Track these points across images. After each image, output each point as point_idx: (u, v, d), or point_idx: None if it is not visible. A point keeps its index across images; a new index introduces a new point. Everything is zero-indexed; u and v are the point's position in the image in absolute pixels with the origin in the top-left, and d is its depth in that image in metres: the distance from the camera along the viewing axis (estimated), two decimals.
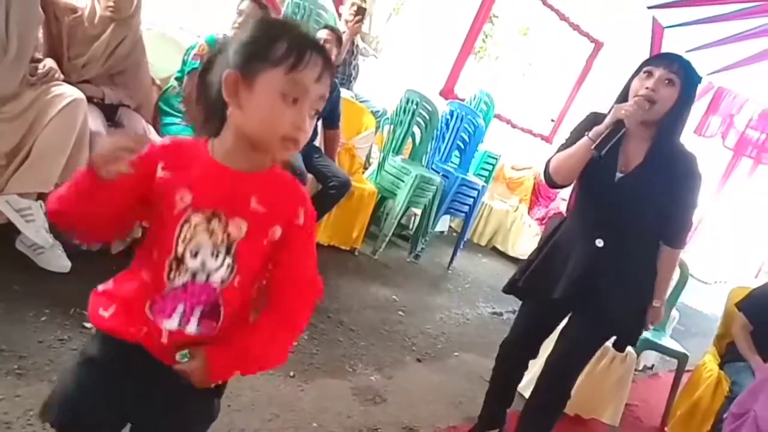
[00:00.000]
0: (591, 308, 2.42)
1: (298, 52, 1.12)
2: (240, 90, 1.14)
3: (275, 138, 1.14)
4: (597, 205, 2.43)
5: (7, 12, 2.57)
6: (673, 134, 2.32)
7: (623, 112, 2.24)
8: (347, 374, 3.02)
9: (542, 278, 2.51)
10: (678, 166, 2.31)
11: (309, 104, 1.15)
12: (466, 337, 4.16)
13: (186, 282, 1.19)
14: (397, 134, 5.06)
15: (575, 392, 3.40)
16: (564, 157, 2.40)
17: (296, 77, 1.13)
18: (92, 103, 2.89)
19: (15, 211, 2.61)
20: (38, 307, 2.44)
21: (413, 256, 5.27)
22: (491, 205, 6.91)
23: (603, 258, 2.38)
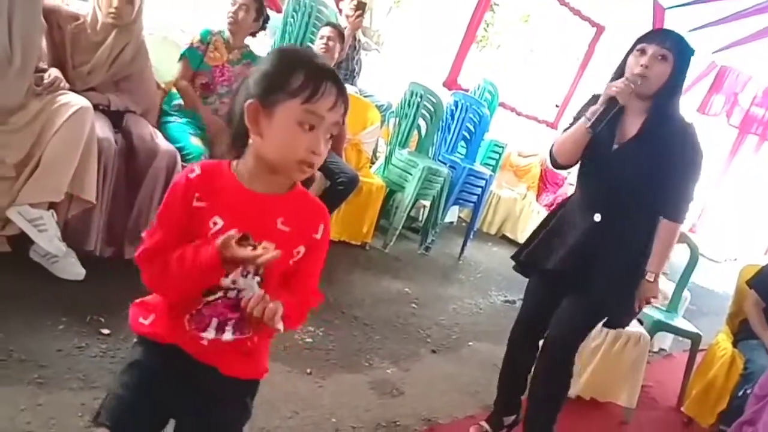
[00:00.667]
0: (582, 287, 2.46)
1: (314, 84, 1.21)
2: (260, 119, 1.24)
3: (292, 162, 1.23)
4: (595, 179, 2.49)
5: (10, 23, 2.60)
6: (669, 106, 2.37)
7: (614, 89, 2.30)
8: (364, 369, 3.05)
9: (542, 250, 2.56)
10: (675, 137, 2.34)
11: (324, 130, 1.24)
12: (480, 326, 4.19)
13: (219, 298, 1.30)
14: (402, 127, 5.08)
15: (592, 378, 3.43)
16: (564, 138, 2.48)
17: (312, 108, 1.22)
18: (98, 111, 2.92)
19: (27, 221, 2.63)
20: (55, 315, 2.47)
21: (424, 248, 5.30)
22: (499, 193, 6.92)
23: (600, 233, 2.42)
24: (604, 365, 3.50)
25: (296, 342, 3.02)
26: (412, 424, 2.74)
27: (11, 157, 2.63)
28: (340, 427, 2.52)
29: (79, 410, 2.03)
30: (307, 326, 3.19)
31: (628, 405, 3.57)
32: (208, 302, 1.30)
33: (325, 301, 3.49)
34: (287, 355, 2.88)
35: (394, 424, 2.69)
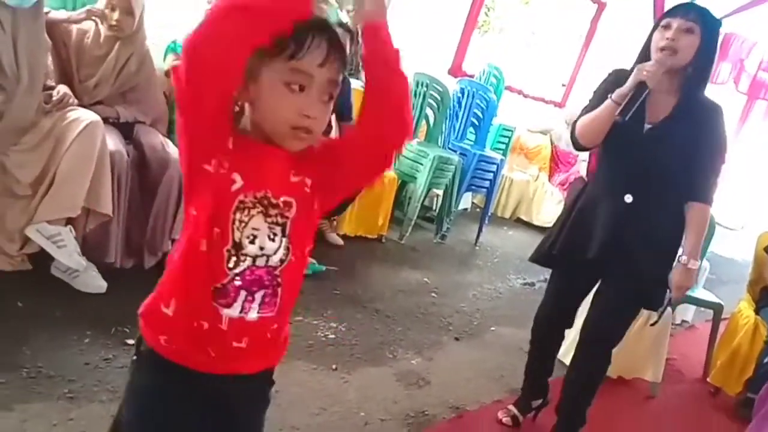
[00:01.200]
0: (620, 274, 2.44)
1: (297, 39, 1.07)
2: (247, 84, 1.10)
3: (285, 129, 1.11)
4: (625, 160, 2.42)
5: (15, 43, 2.63)
6: (700, 85, 2.34)
7: (645, 74, 2.25)
8: (388, 361, 3.07)
9: (573, 242, 2.51)
10: (705, 120, 2.32)
11: (317, 90, 1.11)
12: (501, 310, 4.20)
13: (246, 268, 1.14)
14: None
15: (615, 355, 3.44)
16: (589, 120, 2.41)
17: (298, 65, 1.08)
18: (108, 123, 2.94)
19: (46, 238, 2.67)
20: (80, 329, 2.50)
21: (440, 237, 5.31)
22: (511, 177, 6.90)
23: (632, 214, 2.38)
24: (627, 342, 3.42)
25: (319, 339, 3.04)
26: (441, 413, 2.76)
27: (26, 176, 2.68)
28: (369, 421, 2.54)
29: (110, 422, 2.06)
30: (329, 322, 3.22)
31: (654, 380, 3.58)
32: (235, 276, 1.14)
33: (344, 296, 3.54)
34: (311, 352, 2.90)
35: (422, 414, 2.71)
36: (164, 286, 1.19)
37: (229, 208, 1.11)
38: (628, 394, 3.56)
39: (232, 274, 1.13)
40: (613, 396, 3.39)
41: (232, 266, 1.13)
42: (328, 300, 3.47)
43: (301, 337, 2.99)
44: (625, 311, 2.52)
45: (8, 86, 2.65)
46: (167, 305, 1.17)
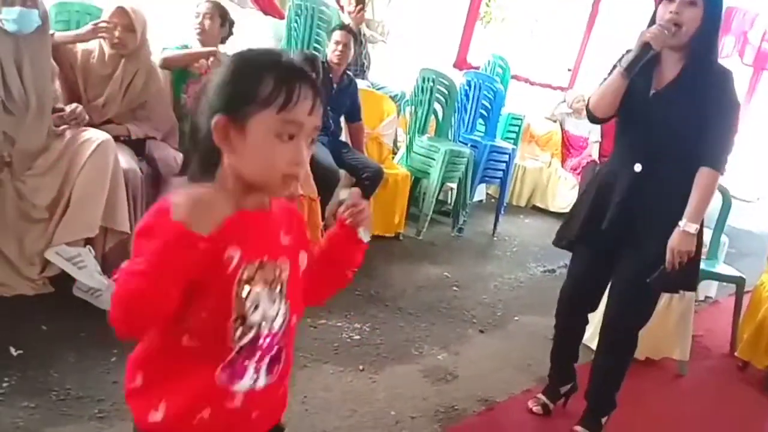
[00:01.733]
0: (635, 252, 2.42)
1: (287, 89, 1.06)
2: (231, 134, 1.07)
3: (276, 179, 1.08)
4: (633, 127, 2.44)
5: (20, 71, 2.66)
6: (707, 54, 2.33)
7: (648, 35, 2.28)
8: (415, 358, 3.07)
9: (593, 220, 2.51)
10: (712, 86, 2.30)
11: (305, 137, 1.10)
12: (523, 299, 4.19)
13: (252, 338, 1.12)
14: (419, 114, 5.08)
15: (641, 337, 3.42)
16: (601, 90, 2.46)
17: (289, 116, 1.06)
18: (119, 142, 2.96)
19: (66, 260, 2.68)
20: (106, 348, 2.49)
21: (457, 230, 5.30)
22: (524, 165, 6.89)
23: (642, 184, 2.39)
24: (653, 323, 3.41)
25: (344, 341, 3.04)
26: (470, 407, 2.75)
27: (42, 199, 2.69)
28: (400, 419, 2.54)
29: None
30: (353, 323, 3.22)
31: (681, 358, 3.57)
32: (242, 348, 1.11)
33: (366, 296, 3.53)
34: (337, 355, 2.91)
35: (452, 409, 2.70)
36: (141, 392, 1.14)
37: (232, 284, 1.09)
38: (656, 374, 3.54)
39: (238, 347, 1.11)
40: (642, 377, 3.36)
41: (238, 338, 1.11)
42: (350, 301, 3.46)
43: (326, 340, 3.00)
44: (641, 292, 2.47)
45: (17, 112, 2.68)
46: (156, 409, 1.11)
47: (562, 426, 2.70)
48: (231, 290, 1.08)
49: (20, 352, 2.38)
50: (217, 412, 1.11)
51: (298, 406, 2.41)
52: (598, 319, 2.78)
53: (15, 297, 2.68)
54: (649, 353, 3.55)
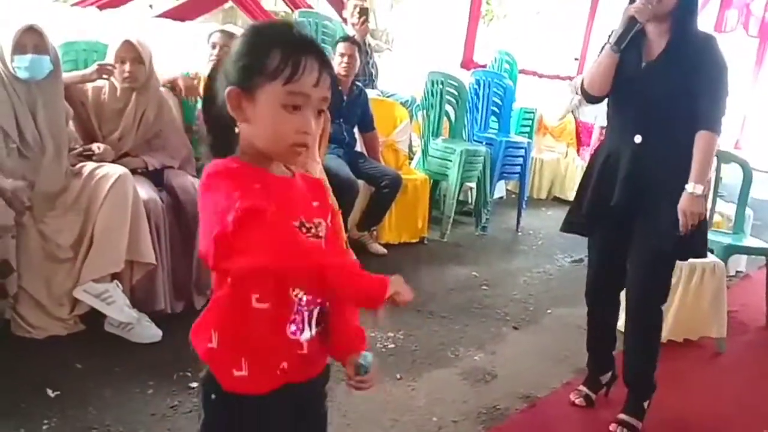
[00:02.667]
0: (644, 224, 2.46)
1: (293, 62, 1.11)
2: (243, 104, 1.14)
3: (285, 147, 1.15)
4: (627, 101, 2.49)
5: (34, 116, 2.71)
6: (689, 22, 2.41)
7: (633, 9, 2.35)
8: (452, 361, 3.05)
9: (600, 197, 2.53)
10: (698, 52, 2.37)
11: (312, 108, 1.15)
12: (554, 292, 4.16)
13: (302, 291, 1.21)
14: (431, 118, 5.08)
15: (677, 319, 3.38)
16: (593, 69, 2.54)
17: (294, 87, 1.12)
18: (137, 174, 2.98)
19: (95, 297, 2.70)
20: (142, 381, 2.50)
21: (480, 229, 5.27)
22: (541, 157, 6.87)
23: (643, 154, 2.42)
24: (686, 302, 3.45)
25: (379, 350, 3.02)
26: (512, 405, 2.73)
27: (65, 239, 2.71)
28: (443, 425, 2.52)
29: None
30: (386, 332, 3.20)
31: (719, 335, 3.54)
32: (300, 299, 1.21)
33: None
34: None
35: (494, 409, 2.67)
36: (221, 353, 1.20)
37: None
38: (696, 354, 3.50)
39: (297, 301, 1.21)
40: (682, 358, 3.35)
41: (296, 293, 1.20)
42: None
43: None
44: (658, 263, 2.51)
45: (33, 157, 2.72)
46: (239, 368, 1.20)
47: (607, 416, 2.67)
48: None
49: (57, 393, 2.38)
50: (293, 361, 1.22)
51: (339, 419, 2.40)
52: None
53: (48, 338, 2.70)
54: (686, 334, 3.53)
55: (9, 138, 2.67)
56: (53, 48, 2.73)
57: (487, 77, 5.72)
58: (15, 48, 2.61)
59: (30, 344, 2.66)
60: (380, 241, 4.45)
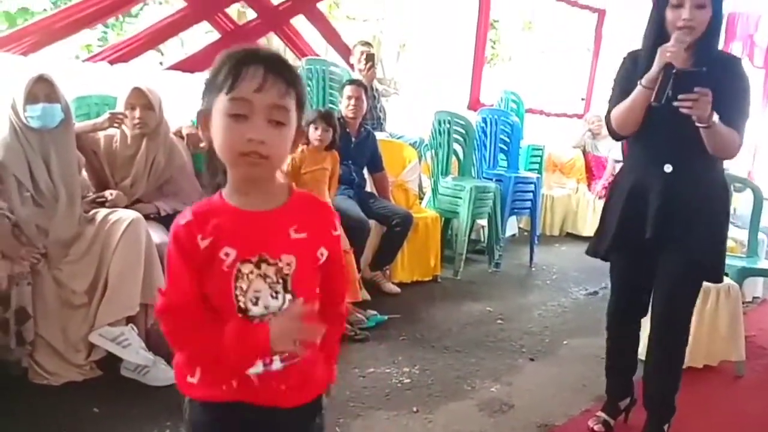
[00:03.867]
0: (675, 247, 2.42)
1: (234, 72, 1.15)
2: (209, 123, 1.20)
3: (235, 157, 1.17)
4: (655, 131, 2.42)
5: (48, 165, 2.78)
6: (712, 46, 2.37)
7: (668, 55, 2.26)
8: (468, 393, 3.03)
9: (630, 226, 2.48)
10: (723, 69, 2.33)
11: (261, 115, 1.16)
12: (570, 323, 4.14)
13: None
14: (440, 156, 5.13)
15: (695, 343, 3.32)
16: (625, 110, 2.43)
17: (235, 94, 1.15)
18: (150, 219, 3.03)
19: (110, 341, 2.72)
20: (159, 422, 2.51)
21: (494, 266, 5.28)
22: (551, 194, 6.90)
23: (675, 183, 2.39)
24: (703, 327, 3.42)
25: (395, 386, 3.02)
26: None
27: (80, 285, 2.75)
28: None
29: None
30: (401, 367, 3.21)
31: (738, 358, 3.51)
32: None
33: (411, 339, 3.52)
34: (389, 400, 2.88)
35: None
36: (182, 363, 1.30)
37: (230, 280, 1.20)
38: (715, 378, 3.47)
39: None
40: (702, 383, 3.32)
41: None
42: (396, 347, 3.46)
43: (377, 387, 2.98)
44: (686, 287, 2.49)
45: (47, 205, 2.78)
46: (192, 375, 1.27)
47: None
48: (230, 286, 1.20)
49: None
50: (240, 386, 1.24)
51: None
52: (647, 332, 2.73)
53: (65, 384, 2.71)
54: (705, 360, 3.49)
55: (23, 186, 2.74)
56: (64, 97, 2.81)
57: (493, 115, 5.79)
58: (27, 98, 2.68)
59: (47, 390, 2.67)
60: (393, 280, 4.46)
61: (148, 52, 5.29)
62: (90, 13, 4.58)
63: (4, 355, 2.64)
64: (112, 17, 5.81)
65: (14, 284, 2.62)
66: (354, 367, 3.13)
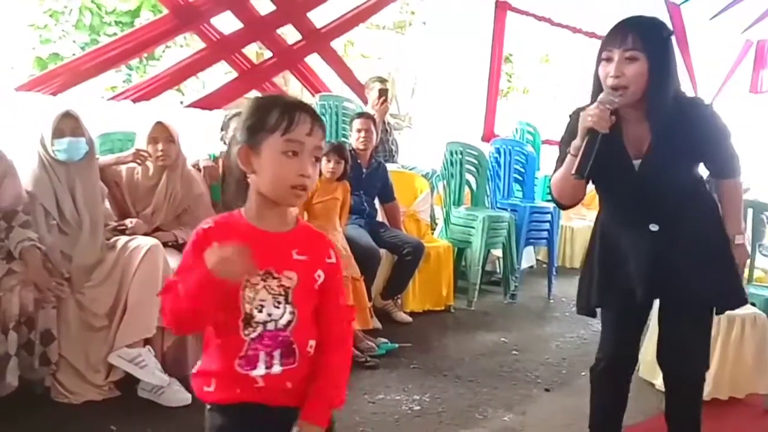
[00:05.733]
0: (677, 294, 2.27)
1: (288, 116, 1.38)
2: (251, 159, 1.40)
3: (286, 189, 1.39)
4: (629, 197, 2.24)
5: (73, 195, 2.93)
6: (667, 99, 2.13)
7: (590, 120, 2.06)
8: (479, 422, 3.03)
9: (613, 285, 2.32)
10: (685, 117, 2.14)
11: (308, 154, 1.40)
12: (589, 356, 3.90)
13: (260, 333, 1.40)
14: (452, 187, 5.19)
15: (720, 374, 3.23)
16: (560, 180, 2.24)
17: (291, 136, 1.37)
18: (168, 247, 3.15)
19: (128, 361, 2.82)
20: None
21: (509, 297, 5.27)
22: (571, 226, 6.90)
23: (663, 239, 2.21)
24: (728, 357, 3.35)
25: (404, 413, 3.04)
26: None
27: (101, 308, 2.87)
28: None
29: None
30: (412, 394, 3.22)
31: (766, 391, 3.41)
32: (252, 341, 1.40)
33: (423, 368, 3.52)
34: (398, 427, 2.90)
35: None
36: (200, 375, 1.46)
37: (239, 289, 1.38)
38: (743, 411, 3.38)
39: (249, 340, 1.40)
40: (728, 417, 3.23)
41: (248, 334, 1.40)
42: (407, 375, 3.48)
43: (386, 414, 3.00)
44: (697, 323, 2.32)
45: (71, 232, 2.92)
46: (209, 386, 1.44)
47: None
48: (238, 294, 1.38)
49: None
50: (248, 389, 1.40)
51: None
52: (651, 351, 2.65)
53: (84, 403, 2.82)
54: (731, 392, 3.39)
55: (49, 216, 2.89)
56: (88, 132, 2.96)
57: (507, 145, 5.85)
58: (54, 133, 2.85)
59: (68, 408, 2.78)
60: (405, 309, 4.49)
61: (169, 91, 5.46)
62: (114, 56, 4.78)
63: (29, 375, 2.75)
64: (135, 58, 6.00)
65: (40, 307, 2.75)
66: (364, 393, 3.16)
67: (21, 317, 2.70)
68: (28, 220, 2.80)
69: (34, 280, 2.73)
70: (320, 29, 5.77)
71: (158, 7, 6.17)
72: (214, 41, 5.13)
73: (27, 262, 2.73)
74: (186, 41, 6.67)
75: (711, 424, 2.52)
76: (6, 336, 2.66)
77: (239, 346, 1.39)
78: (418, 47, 8.11)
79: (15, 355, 2.68)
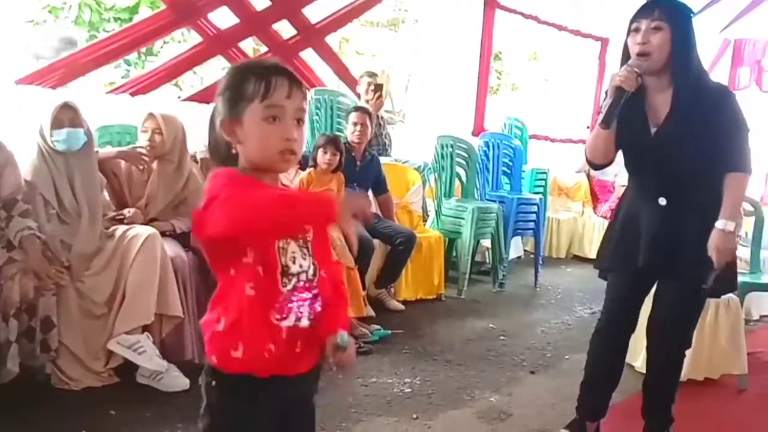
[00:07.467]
0: (676, 273, 2.42)
1: (265, 82, 1.37)
2: (235, 129, 1.40)
3: (274, 155, 1.39)
4: (645, 165, 2.46)
5: (72, 185, 2.99)
6: (689, 72, 2.34)
7: (618, 79, 2.30)
8: (467, 402, 3.14)
9: (623, 254, 2.52)
10: (706, 100, 2.32)
11: (290, 117, 1.39)
12: (573, 340, 4.20)
13: (295, 285, 1.42)
14: (443, 179, 5.30)
15: (696, 357, 3.32)
16: (591, 139, 2.52)
17: (270, 102, 1.37)
18: (166, 236, 3.21)
19: (127, 348, 2.89)
20: (171, 424, 2.65)
21: (498, 285, 5.38)
22: (557, 217, 7.03)
23: (670, 216, 2.38)
24: (703, 340, 3.45)
25: (396, 394, 3.14)
26: None
27: (100, 296, 2.94)
28: None
29: None
30: (403, 377, 3.33)
31: (740, 372, 3.54)
32: (288, 292, 1.40)
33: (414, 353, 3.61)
34: (390, 407, 3.00)
35: None
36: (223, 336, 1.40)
37: (274, 241, 1.40)
38: (717, 392, 3.52)
39: (285, 292, 1.41)
40: (703, 396, 3.37)
41: (285, 285, 1.41)
42: (398, 360, 3.58)
43: (378, 396, 3.10)
44: (687, 305, 2.51)
45: (71, 222, 2.99)
46: (236, 349, 1.39)
47: None
48: (274, 246, 1.40)
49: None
50: (278, 344, 1.40)
51: None
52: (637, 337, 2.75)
53: (85, 389, 2.89)
54: (706, 373, 3.52)
55: (49, 205, 2.95)
56: (86, 123, 3.03)
57: (495, 139, 5.96)
58: (53, 123, 2.91)
59: (68, 395, 2.85)
60: (397, 297, 4.60)
61: (167, 86, 5.52)
62: (112, 50, 4.83)
63: (30, 361, 2.81)
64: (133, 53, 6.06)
65: (40, 295, 2.81)
66: (357, 377, 3.25)
67: (21, 304, 2.76)
68: (27, 209, 2.86)
69: (34, 269, 2.78)
70: (315, 25, 5.85)
71: (156, 4, 6.27)
72: (210, 36, 5.19)
73: (27, 251, 2.78)
74: (184, 37, 6.73)
75: (687, 404, 2.66)
76: (7, 323, 2.72)
77: (275, 297, 1.39)
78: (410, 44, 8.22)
79: (16, 341, 2.73)
